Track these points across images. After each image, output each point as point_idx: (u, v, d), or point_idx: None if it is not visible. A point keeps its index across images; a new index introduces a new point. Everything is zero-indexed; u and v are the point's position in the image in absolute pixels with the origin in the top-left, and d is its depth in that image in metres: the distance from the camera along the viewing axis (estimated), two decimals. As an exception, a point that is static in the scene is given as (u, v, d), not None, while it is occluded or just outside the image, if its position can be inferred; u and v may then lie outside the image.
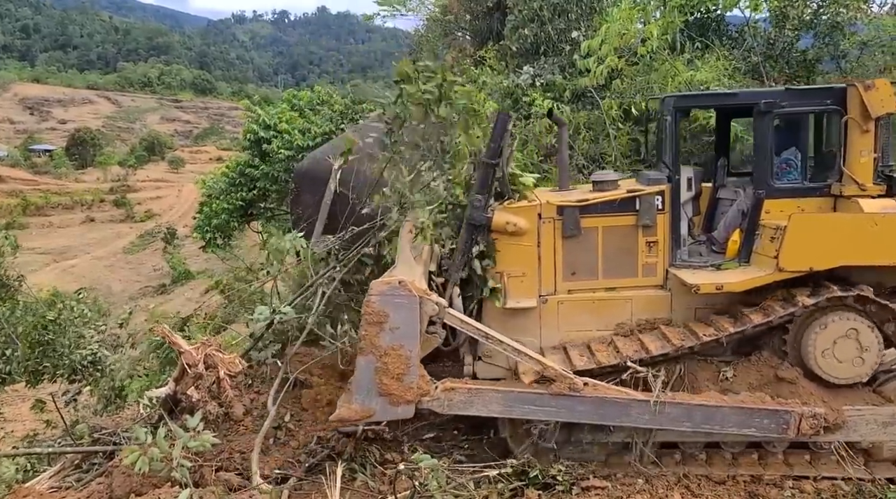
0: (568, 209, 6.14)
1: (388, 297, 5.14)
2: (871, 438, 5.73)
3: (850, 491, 5.45)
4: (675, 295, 6.22)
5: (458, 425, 6.39)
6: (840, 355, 5.77)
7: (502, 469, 5.42)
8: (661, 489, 5.38)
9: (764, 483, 5.55)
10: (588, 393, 5.44)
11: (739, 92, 7.07)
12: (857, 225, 5.70)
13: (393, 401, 5.22)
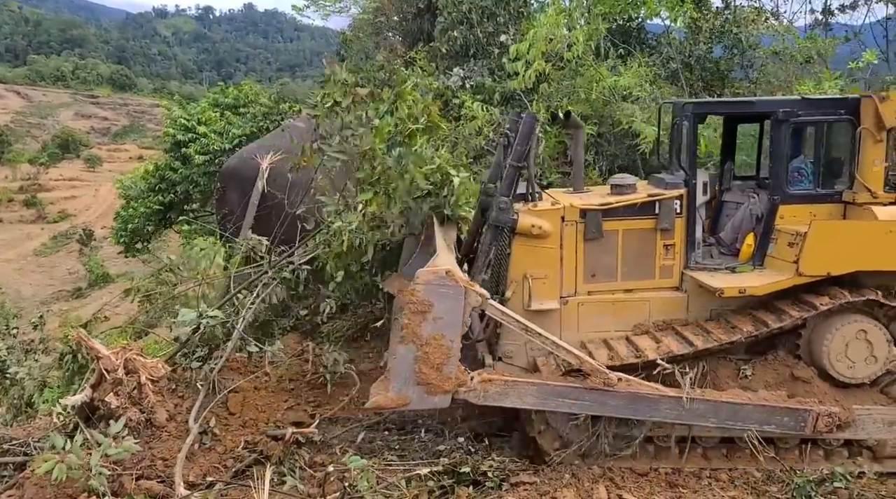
0: (591, 212, 6.21)
1: (433, 286, 5.09)
2: (877, 436, 5.98)
3: (761, 477, 5.75)
4: (691, 296, 6.35)
5: (388, 426, 6.38)
6: (852, 356, 5.99)
7: (433, 467, 5.44)
8: (586, 483, 5.52)
9: (683, 474, 5.79)
10: (621, 388, 5.49)
11: (757, 100, 7.27)
12: (874, 232, 5.94)
13: (430, 390, 5.20)
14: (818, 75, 10.73)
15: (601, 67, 9.68)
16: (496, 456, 5.77)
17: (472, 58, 10.61)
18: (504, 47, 10.10)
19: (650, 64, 10.45)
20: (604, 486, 5.49)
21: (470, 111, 9.31)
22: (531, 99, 9.70)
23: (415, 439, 6.16)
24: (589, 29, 9.54)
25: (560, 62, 9.85)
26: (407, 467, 5.55)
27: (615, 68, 9.96)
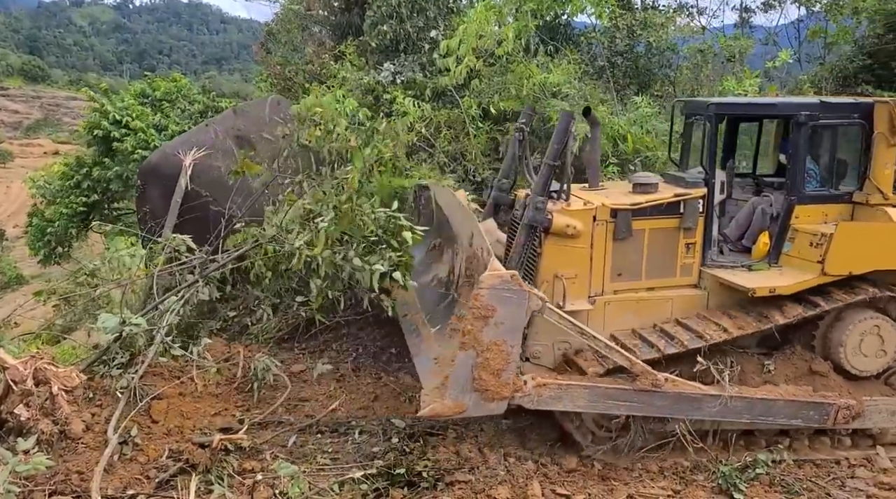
0: (622, 212, 6.24)
1: (498, 290, 4.99)
2: (881, 425, 6.29)
3: (689, 467, 5.92)
4: (710, 294, 6.49)
5: (321, 429, 6.24)
6: (866, 350, 6.29)
7: (367, 470, 5.35)
8: (521, 479, 5.55)
9: (615, 468, 5.89)
10: (668, 389, 5.56)
11: (778, 102, 7.39)
12: (890, 233, 6.27)
13: (487, 397, 5.12)
14: (739, 74, 11.13)
15: (531, 64, 9.75)
16: (431, 455, 5.72)
17: (403, 53, 10.51)
18: (435, 42, 10.05)
19: (578, 61, 10.60)
20: (538, 482, 5.52)
21: (401, 107, 9.21)
22: (463, 95, 9.68)
23: (348, 441, 6.04)
24: (518, 25, 9.60)
25: (491, 58, 9.87)
26: (340, 470, 5.43)
27: (545, 65, 10.05)
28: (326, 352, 8.14)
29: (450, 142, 9.51)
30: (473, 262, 5.79)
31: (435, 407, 5.07)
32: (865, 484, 5.81)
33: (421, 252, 7.38)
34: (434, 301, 6.53)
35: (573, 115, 6.17)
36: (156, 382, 6.20)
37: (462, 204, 6.63)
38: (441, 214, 7.23)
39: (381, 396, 7.15)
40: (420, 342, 6.12)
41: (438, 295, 6.56)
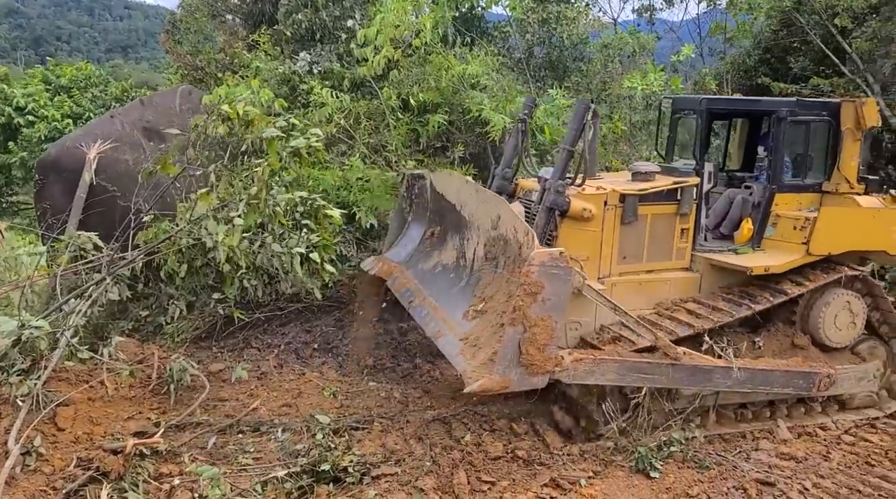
0: (630, 197, 6.59)
1: (547, 267, 5.15)
2: (850, 391, 6.99)
3: (610, 447, 6.11)
4: (703, 276, 7.00)
5: (242, 428, 6.07)
6: (839, 324, 6.96)
7: (291, 468, 5.25)
8: (447, 469, 5.59)
9: (538, 452, 6.01)
10: (685, 361, 5.92)
11: (763, 99, 8.28)
12: (864, 217, 6.99)
13: (532, 371, 5.29)
14: (644, 68, 11.52)
15: (449, 55, 9.75)
16: (357, 450, 5.68)
17: (319, 42, 10.29)
18: (351, 32, 9.89)
19: (494, 52, 10.70)
20: (464, 470, 5.58)
21: (319, 97, 9.03)
22: (382, 85, 9.59)
23: (271, 440, 5.91)
24: (435, 16, 9.57)
25: (409, 49, 9.82)
26: (263, 470, 5.31)
27: (462, 56, 10.08)
28: (246, 350, 7.94)
29: (370, 133, 9.41)
30: (499, 243, 6.01)
31: (484, 382, 5.16)
32: (768, 455, 6.16)
33: (414, 242, 7.67)
34: (445, 286, 6.70)
35: (589, 104, 6.42)
36: (61, 387, 5.88)
37: (482, 188, 6.83)
38: (441, 202, 7.40)
39: (304, 392, 7.04)
40: (439, 326, 6.20)
41: (449, 280, 6.74)
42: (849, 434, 6.75)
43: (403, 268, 7.50)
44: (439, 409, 6.88)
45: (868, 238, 7.10)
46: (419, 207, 7.94)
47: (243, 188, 6.52)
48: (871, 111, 7.05)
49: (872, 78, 15.66)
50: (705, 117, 7.20)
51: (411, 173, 8.18)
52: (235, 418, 6.19)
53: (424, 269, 7.22)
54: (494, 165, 9.52)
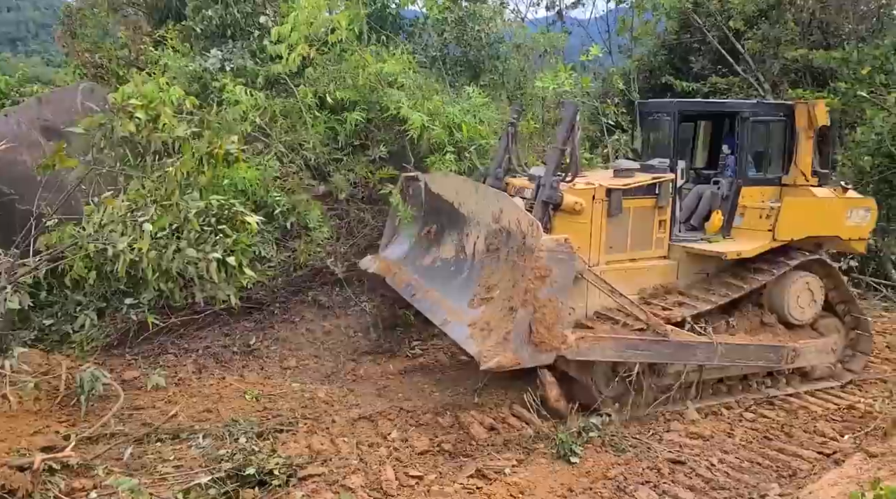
0: (615, 192, 7.10)
1: (554, 252, 5.82)
2: (812, 363, 7.69)
3: (531, 435, 6.31)
4: (680, 264, 7.59)
5: (161, 437, 5.89)
6: (802, 303, 7.68)
7: (214, 474, 5.14)
8: (374, 466, 5.62)
9: (464, 444, 6.13)
10: (672, 338, 6.57)
11: (728, 101, 9.45)
12: (820, 206, 7.79)
13: (541, 348, 5.86)
14: (554, 67, 11.85)
15: (366, 53, 9.71)
16: (282, 452, 5.62)
17: (231, 39, 10.01)
18: (264, 29, 9.68)
19: (410, 51, 10.73)
20: (391, 466, 5.63)
21: (232, 96, 8.80)
22: (297, 83, 9.44)
23: (192, 446, 5.77)
24: (350, 13, 9.50)
25: (324, 46, 9.70)
26: (185, 477, 5.18)
27: (378, 54, 10.06)
28: (162, 356, 7.69)
29: (286, 132, 9.25)
30: (502, 235, 6.59)
31: (500, 360, 5.69)
32: (679, 436, 6.52)
33: (410, 240, 8.19)
34: (445, 278, 7.25)
35: (578, 107, 7.07)
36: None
37: (480, 185, 7.45)
38: (436, 202, 7.92)
39: (225, 397, 6.89)
40: (445, 315, 6.72)
41: (450, 273, 7.29)
42: (749, 412, 7.22)
43: (401, 265, 7.98)
44: (365, 407, 6.90)
45: (824, 225, 7.85)
46: (414, 208, 8.43)
47: (154, 189, 6.30)
48: (821, 112, 7.81)
49: (763, 77, 16.72)
50: (678, 119, 7.86)
51: (406, 175, 8.66)
52: (153, 426, 6.01)
53: (423, 264, 7.71)
54: (413, 162, 9.62)
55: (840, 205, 7.95)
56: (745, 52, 16.86)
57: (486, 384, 7.52)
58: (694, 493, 5.40)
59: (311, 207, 8.80)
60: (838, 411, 7.24)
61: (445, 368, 8.14)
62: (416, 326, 8.82)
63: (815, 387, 7.81)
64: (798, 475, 5.73)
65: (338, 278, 8.95)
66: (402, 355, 8.35)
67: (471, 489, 5.36)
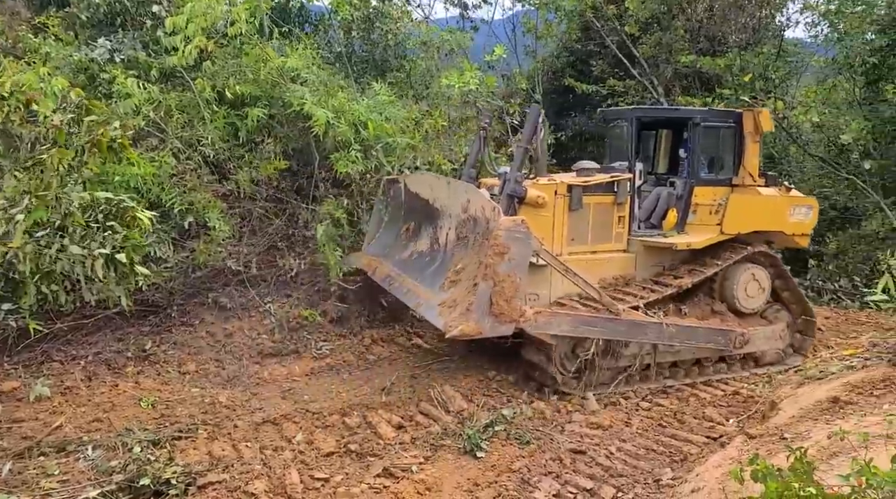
0: (576, 188, 7.80)
1: (512, 232, 6.35)
2: (761, 348, 8.40)
3: (439, 432, 6.35)
4: (638, 256, 8.31)
5: (44, 450, 5.52)
6: (750, 293, 8.34)
7: (105, 487, 4.88)
8: (278, 470, 5.49)
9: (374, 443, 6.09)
10: (625, 317, 7.19)
11: (681, 108, 10.10)
12: (764, 203, 8.56)
13: (501, 320, 6.36)
14: (460, 66, 11.98)
15: (267, 47, 9.46)
16: (181, 460, 5.40)
17: (121, 28, 9.50)
18: (157, 18, 9.24)
19: (315, 46, 10.55)
20: (296, 470, 5.52)
21: (123, 88, 8.35)
22: (195, 77, 9.08)
23: (80, 459, 5.44)
24: (251, 5, 9.23)
25: (224, 39, 9.38)
26: (71, 492, 4.89)
27: (281, 49, 9.83)
28: (46, 364, 7.21)
29: (183, 127, 8.88)
30: (469, 223, 7.08)
31: (463, 328, 6.17)
32: (580, 426, 6.74)
33: (391, 238, 8.73)
34: (421, 268, 7.76)
35: (541, 109, 7.79)
36: None
37: (451, 180, 8.08)
38: (414, 201, 8.46)
39: (118, 405, 6.56)
40: (419, 299, 7.21)
41: (425, 263, 7.80)
42: (646, 401, 7.56)
43: (382, 259, 8.48)
44: (269, 410, 6.74)
45: (768, 221, 8.65)
46: (395, 208, 8.95)
47: (29, 180, 5.86)
48: (766, 119, 8.50)
49: (657, 80, 17.57)
50: (635, 124, 8.53)
51: (387, 178, 9.15)
52: (35, 439, 5.63)
53: (401, 258, 8.24)
54: (318, 159, 9.47)
55: (783, 202, 8.73)
56: (640, 56, 17.65)
57: (393, 383, 7.52)
58: (594, 481, 5.59)
59: (210, 205, 8.49)
60: (725, 398, 7.70)
61: (353, 368, 8.07)
62: (324, 325, 8.71)
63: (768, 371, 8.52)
64: (688, 459, 6.04)
65: (240, 279, 8.69)
66: (309, 356, 8.20)
67: (378, 489, 5.34)
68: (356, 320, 8.99)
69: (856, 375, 5.22)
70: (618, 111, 9.77)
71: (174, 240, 8.44)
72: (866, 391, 4.87)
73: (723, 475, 4.26)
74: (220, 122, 9.05)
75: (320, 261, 8.92)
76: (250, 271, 8.79)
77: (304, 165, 9.66)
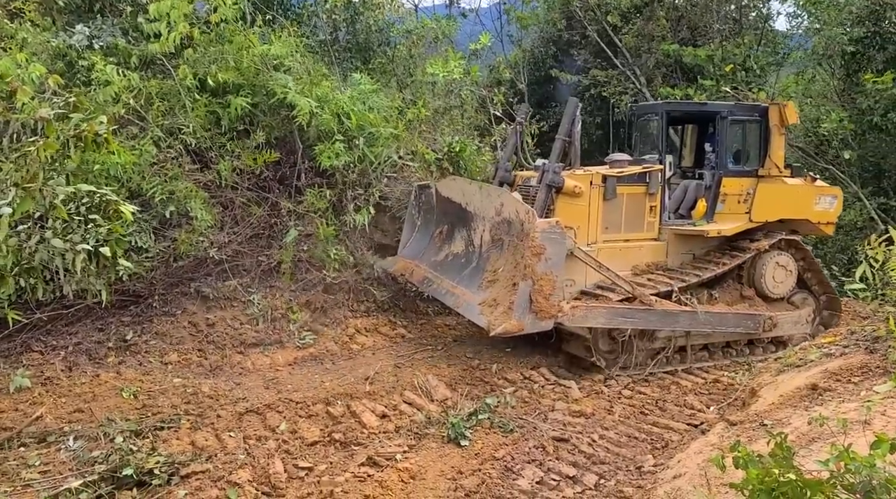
0: (610, 178, 8.12)
1: (547, 233, 6.76)
2: (789, 332, 8.75)
3: (423, 421, 6.38)
4: (669, 244, 8.69)
5: (24, 441, 5.47)
6: (777, 279, 8.73)
7: (87, 477, 4.85)
8: (262, 459, 5.49)
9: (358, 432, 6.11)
10: (657, 307, 7.59)
11: (709, 103, 9.81)
12: (790, 192, 8.90)
13: (540, 316, 6.76)
14: (445, 54, 11.94)
15: (250, 34, 9.35)
16: (163, 450, 5.38)
17: (100, 14, 9.34)
18: (137, 5, 9.10)
19: (298, 34, 10.46)
20: (279, 459, 5.53)
21: (103, 75, 8.22)
22: (176, 64, 8.95)
23: (61, 450, 5.40)
24: (234, -8, 9.11)
25: (206, 26, 9.26)
26: (52, 483, 4.85)
27: (264, 37, 9.72)
28: (26, 354, 7.13)
29: (164, 115, 8.77)
30: (504, 226, 7.44)
31: (506, 325, 6.60)
32: (563, 414, 6.80)
33: (424, 241, 9.15)
34: (458, 269, 8.14)
35: (578, 102, 8.14)
36: None
37: (484, 184, 8.42)
38: (447, 204, 8.82)
39: (99, 395, 6.51)
40: (458, 299, 7.60)
41: (461, 264, 8.19)
42: (627, 389, 7.64)
43: (418, 262, 8.83)
44: (252, 400, 6.73)
45: (794, 209, 9.00)
46: (427, 213, 9.35)
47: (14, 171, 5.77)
48: (791, 112, 8.78)
49: (639, 70, 17.62)
50: (665, 118, 8.77)
51: (419, 184, 9.54)
52: (15, 429, 5.57)
53: (436, 260, 8.63)
54: (301, 148, 9.40)
55: (809, 192, 9.07)
56: (622, 46, 17.69)
57: (377, 372, 7.53)
58: (577, 469, 5.65)
59: (192, 194, 8.40)
60: (705, 385, 7.81)
61: (336, 358, 8.07)
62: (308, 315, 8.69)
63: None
64: (670, 446, 6.12)
65: (222, 269, 8.64)
66: (292, 346, 8.18)
67: (362, 478, 5.35)
68: (339, 310, 8.97)
69: (834, 362, 5.30)
70: (648, 106, 10.12)
71: (155, 229, 8.35)
72: (844, 378, 4.95)
73: (704, 461, 4.32)
74: (201, 111, 8.95)
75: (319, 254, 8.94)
76: (232, 261, 8.72)
77: (288, 153, 9.58)
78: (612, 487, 5.35)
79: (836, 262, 13.64)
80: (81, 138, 5.69)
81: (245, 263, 8.86)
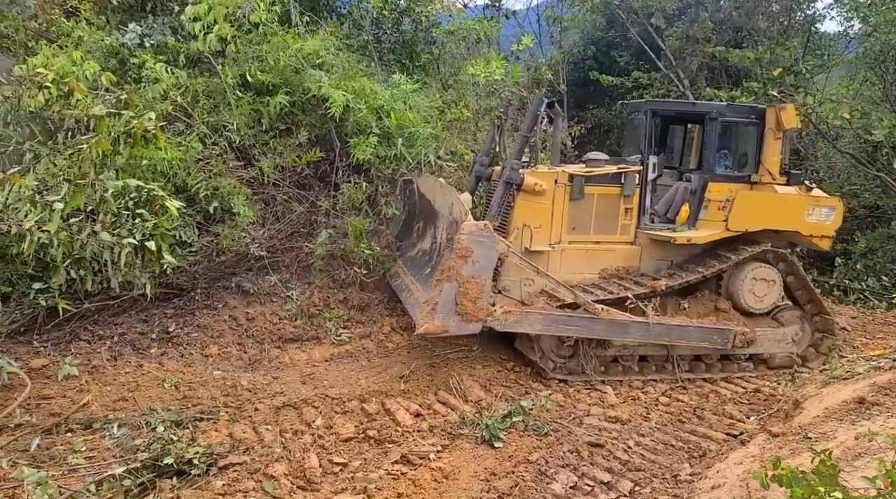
0: (577, 177, 7.91)
1: (474, 236, 6.51)
2: (770, 350, 8.17)
3: (457, 421, 6.38)
4: (643, 249, 8.28)
5: (71, 427, 5.63)
6: (757, 293, 8.15)
7: (129, 465, 4.97)
8: (298, 453, 5.55)
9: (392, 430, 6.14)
10: (604, 316, 7.15)
11: (698, 103, 9.58)
12: (777, 201, 8.20)
13: (466, 319, 6.58)
14: (487, 55, 11.92)
15: (288, 35, 9.47)
16: (203, 441, 5.48)
17: (151, 13, 9.58)
18: (185, 4, 9.31)
19: (340, 34, 10.56)
20: (315, 454, 5.59)
21: (152, 73, 8.43)
22: (220, 63, 9.13)
23: (106, 437, 5.55)
24: (274, -7, 9.26)
25: (248, 26, 9.42)
26: (98, 469, 4.98)
27: (305, 36, 9.84)
28: (74, 343, 7.34)
29: (209, 112, 8.95)
30: (453, 226, 7.18)
31: (427, 326, 6.45)
32: (598, 420, 6.73)
33: (407, 236, 9.02)
34: (420, 267, 8.09)
35: (543, 99, 7.86)
36: None
37: (443, 183, 8.21)
38: (423, 201, 8.67)
39: (142, 385, 6.66)
40: (411, 297, 7.62)
41: (424, 262, 8.11)
42: (665, 396, 7.53)
43: (399, 259, 8.86)
44: (289, 395, 6.81)
45: (780, 219, 8.27)
46: (410, 208, 9.23)
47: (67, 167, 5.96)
48: (789, 115, 8.23)
49: (682, 73, 17.35)
50: (651, 117, 8.37)
51: (403, 179, 9.39)
52: (63, 416, 5.74)
53: (410, 256, 8.58)
54: (339, 145, 9.50)
55: (800, 202, 8.30)
56: (665, 48, 17.44)
57: (412, 371, 7.56)
58: (611, 474, 5.59)
59: (235, 190, 8.56)
60: (745, 395, 7.65)
61: (372, 356, 8.12)
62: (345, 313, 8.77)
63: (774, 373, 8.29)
64: (707, 456, 6.01)
65: (262, 264, 8.77)
66: (328, 342, 8.27)
67: (395, 475, 5.38)
68: (376, 308, 9.04)
69: (884, 376, 5.14)
70: (635, 104, 9.72)
71: (199, 224, 8.54)
72: (894, 393, 4.81)
73: (744, 473, 4.24)
74: (245, 109, 9.11)
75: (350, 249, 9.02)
76: (272, 257, 8.86)
77: (327, 151, 9.69)
78: (647, 494, 5.28)
79: (886, 272, 13.22)
80: (131, 135, 5.85)
81: (284, 260, 8.98)
